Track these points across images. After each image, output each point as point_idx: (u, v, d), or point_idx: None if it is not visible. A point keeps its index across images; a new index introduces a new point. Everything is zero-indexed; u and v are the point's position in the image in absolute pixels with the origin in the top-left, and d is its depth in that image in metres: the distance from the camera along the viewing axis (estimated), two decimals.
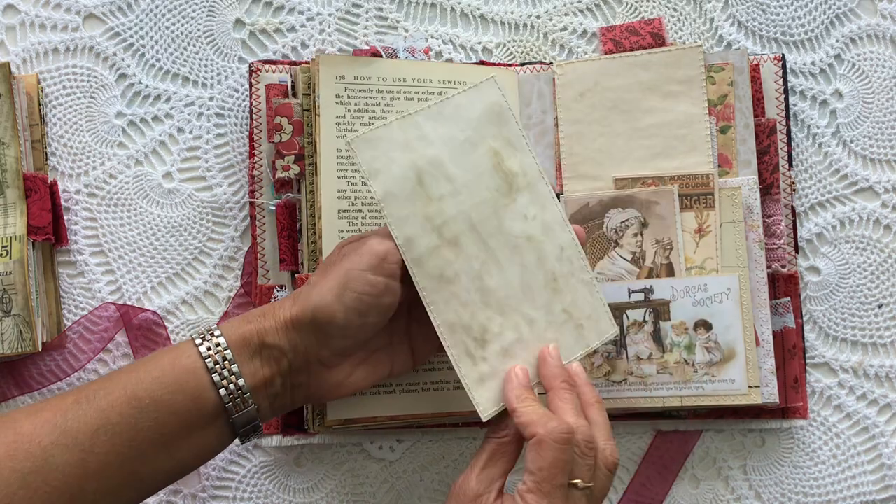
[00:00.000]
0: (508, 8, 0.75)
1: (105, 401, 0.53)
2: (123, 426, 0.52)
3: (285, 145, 0.68)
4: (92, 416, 0.52)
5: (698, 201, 0.69)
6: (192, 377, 0.55)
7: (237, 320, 0.58)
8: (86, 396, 0.53)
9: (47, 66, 0.72)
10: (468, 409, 0.67)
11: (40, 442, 0.51)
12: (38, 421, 0.51)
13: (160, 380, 0.54)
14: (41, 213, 0.69)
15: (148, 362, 0.55)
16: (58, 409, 0.52)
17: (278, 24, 0.74)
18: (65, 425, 0.51)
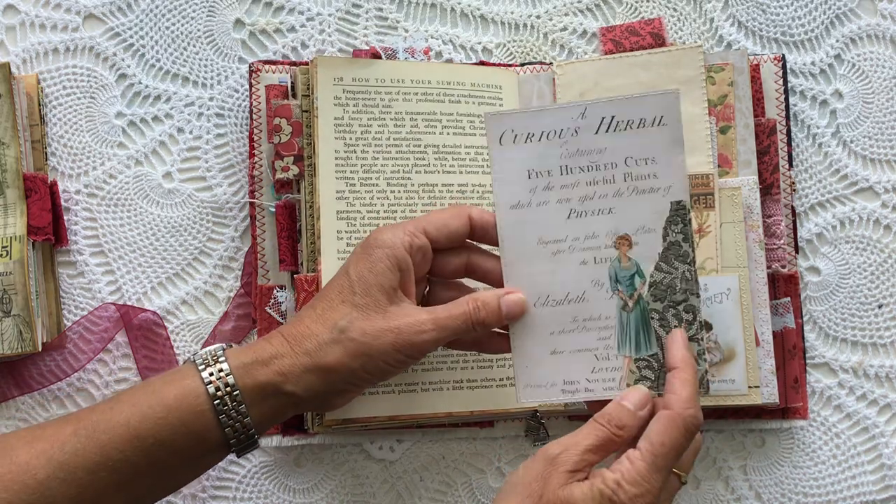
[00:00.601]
0: (508, 8, 0.75)
1: (105, 436, 0.51)
2: (124, 464, 0.52)
3: (284, 146, 0.68)
4: (91, 451, 0.51)
5: (698, 201, 0.69)
6: (199, 419, 0.54)
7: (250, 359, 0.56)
8: (85, 429, 0.52)
9: (47, 66, 0.72)
10: (467, 409, 0.68)
11: (36, 475, 0.50)
12: (34, 451, 0.50)
13: (165, 420, 0.53)
14: (41, 213, 0.69)
15: (151, 395, 0.54)
16: (55, 440, 0.51)
17: (278, 25, 0.74)
18: (62, 458, 0.50)
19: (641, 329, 0.59)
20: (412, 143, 0.69)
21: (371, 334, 0.56)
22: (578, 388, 0.60)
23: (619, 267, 0.59)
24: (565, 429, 0.72)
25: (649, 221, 0.58)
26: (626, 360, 0.59)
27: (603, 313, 0.59)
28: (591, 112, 0.58)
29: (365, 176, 0.67)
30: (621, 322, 0.59)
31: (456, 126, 0.70)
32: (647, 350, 0.59)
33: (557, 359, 0.60)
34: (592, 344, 0.60)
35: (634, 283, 0.59)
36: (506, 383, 0.69)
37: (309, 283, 0.66)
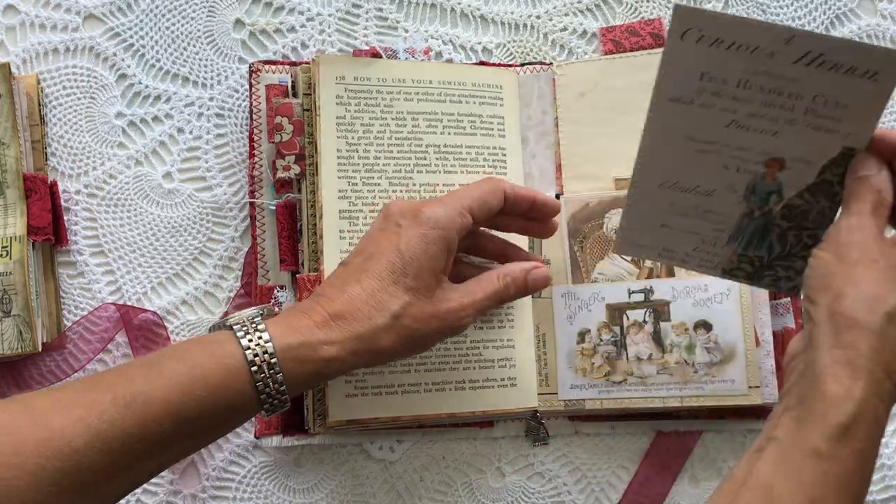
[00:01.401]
0: (508, 8, 0.75)
1: (144, 409, 0.50)
2: (160, 435, 0.51)
3: (286, 145, 0.68)
4: (129, 422, 0.50)
5: None
6: (240, 396, 0.53)
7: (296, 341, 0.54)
8: (124, 398, 0.50)
9: (47, 66, 0.72)
10: (469, 409, 0.68)
11: (71, 442, 0.48)
12: (71, 418, 0.49)
13: (206, 398, 0.52)
14: (41, 213, 0.69)
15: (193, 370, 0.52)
16: (93, 408, 0.50)
17: (278, 25, 0.74)
18: (99, 427, 0.49)
19: (758, 234, 0.59)
20: (413, 142, 0.69)
21: (421, 320, 0.57)
22: (675, 257, 0.60)
23: (762, 182, 0.57)
24: (565, 429, 0.72)
25: (811, 155, 0.56)
26: (730, 252, 0.59)
27: (725, 213, 0.58)
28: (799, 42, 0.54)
29: (367, 175, 0.67)
30: (740, 225, 0.59)
31: (457, 126, 0.70)
32: (756, 251, 0.59)
33: (665, 231, 0.60)
34: (704, 231, 0.59)
35: (769, 200, 0.58)
36: (506, 384, 0.69)
37: (311, 282, 0.65)
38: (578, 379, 0.69)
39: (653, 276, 0.69)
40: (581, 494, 0.72)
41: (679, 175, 0.58)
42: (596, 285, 0.70)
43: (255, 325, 0.54)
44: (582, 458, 0.72)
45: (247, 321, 0.55)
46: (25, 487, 0.47)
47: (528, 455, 0.72)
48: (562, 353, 0.70)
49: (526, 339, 0.70)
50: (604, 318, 0.69)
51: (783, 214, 0.58)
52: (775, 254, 0.59)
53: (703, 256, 0.60)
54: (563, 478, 0.72)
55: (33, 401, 0.50)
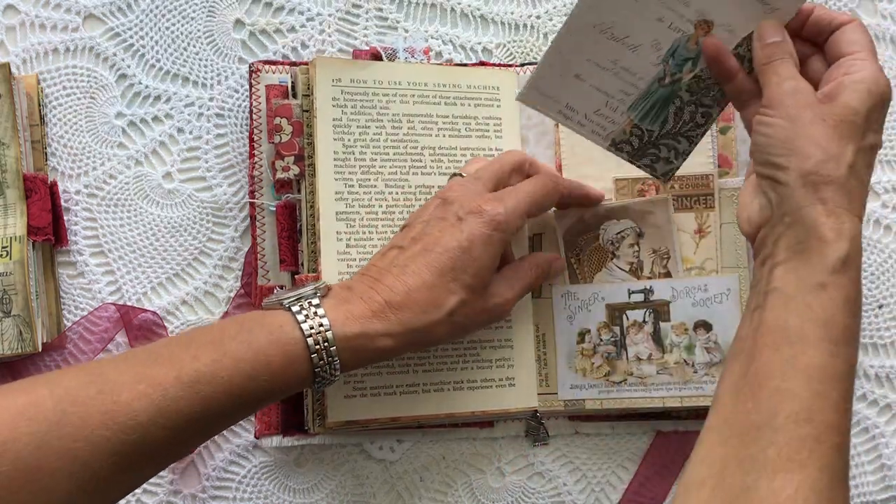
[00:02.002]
0: (508, 8, 0.75)
1: (208, 389, 0.51)
2: (221, 415, 0.53)
3: (285, 146, 0.68)
4: (192, 401, 0.51)
5: (698, 202, 0.69)
6: (298, 379, 0.55)
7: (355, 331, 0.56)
8: (188, 377, 0.51)
9: (47, 66, 0.72)
10: (468, 409, 0.68)
11: (137, 416, 0.49)
12: (136, 392, 0.50)
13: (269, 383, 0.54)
14: (41, 213, 0.69)
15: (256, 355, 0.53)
16: (158, 384, 0.50)
17: (278, 25, 0.74)
18: (163, 404, 0.50)
19: (659, 104, 0.62)
20: (409, 144, 0.69)
21: (471, 316, 0.60)
22: (574, 118, 0.63)
23: (685, 45, 0.60)
24: (565, 429, 0.72)
25: (738, 24, 0.59)
26: (627, 121, 0.63)
27: (640, 73, 0.61)
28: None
29: (363, 177, 0.67)
30: (649, 90, 0.61)
31: (452, 128, 0.70)
32: (650, 124, 0.63)
33: (576, 84, 0.61)
34: (612, 90, 0.62)
35: (683, 67, 0.61)
36: (505, 384, 0.69)
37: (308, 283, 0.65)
38: (578, 379, 0.69)
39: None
40: (581, 494, 0.72)
41: (615, 18, 0.59)
42: (596, 285, 0.70)
43: (315, 311, 0.56)
44: (582, 458, 0.72)
45: (307, 304, 0.56)
46: (90, 458, 0.48)
47: (528, 455, 0.72)
48: (561, 353, 0.70)
49: (525, 339, 0.70)
50: (604, 319, 0.69)
51: (689, 86, 0.62)
52: (665, 129, 0.63)
53: (601, 122, 0.63)
54: (563, 478, 0.72)
55: (100, 371, 0.51)
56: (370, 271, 0.60)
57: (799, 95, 0.55)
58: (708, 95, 0.62)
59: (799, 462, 0.47)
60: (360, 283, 0.59)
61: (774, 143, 0.55)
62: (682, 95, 0.62)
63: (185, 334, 0.56)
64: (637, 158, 0.65)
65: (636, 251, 0.69)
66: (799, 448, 0.48)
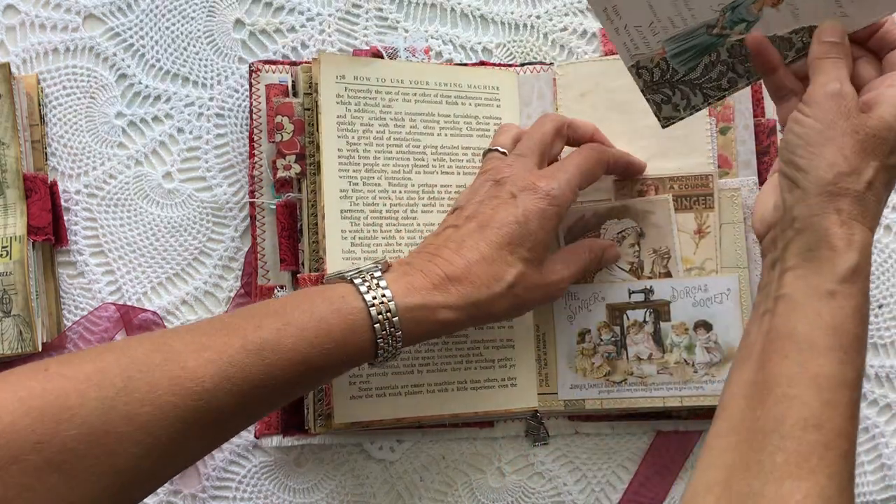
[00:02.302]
0: (508, 8, 0.75)
1: (273, 357, 0.52)
2: (285, 383, 0.53)
3: (286, 145, 0.68)
4: (257, 369, 0.51)
5: (698, 202, 0.69)
6: (361, 349, 0.56)
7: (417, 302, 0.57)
8: (253, 345, 0.52)
9: (47, 66, 0.72)
10: (471, 409, 0.68)
11: (203, 382, 0.50)
12: (202, 359, 0.50)
13: (331, 352, 0.54)
14: (41, 213, 0.69)
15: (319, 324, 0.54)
16: (223, 351, 0.51)
17: (278, 25, 0.74)
18: (229, 371, 0.51)
19: (697, 50, 0.60)
20: (412, 143, 0.69)
21: (530, 289, 0.60)
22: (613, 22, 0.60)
23: (748, 5, 0.58)
24: (565, 429, 0.72)
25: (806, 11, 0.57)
26: (660, 50, 0.61)
27: (696, 10, 0.58)
28: None
29: (367, 175, 0.67)
30: (695, 31, 0.59)
31: (453, 127, 0.70)
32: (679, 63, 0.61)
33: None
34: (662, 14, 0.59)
35: (735, 26, 0.59)
36: (506, 384, 0.69)
37: (312, 282, 0.65)
38: (578, 379, 0.69)
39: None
40: (581, 494, 0.72)
41: None
42: (596, 285, 0.70)
43: (377, 281, 0.56)
44: (582, 458, 0.72)
45: (368, 276, 0.57)
46: (156, 423, 0.48)
47: (528, 455, 0.72)
48: (562, 352, 0.70)
49: (525, 338, 0.70)
50: (604, 318, 0.69)
51: (731, 47, 0.60)
52: (690, 76, 0.62)
53: (636, 39, 0.61)
54: (563, 478, 0.72)
55: (164, 340, 0.52)
56: (427, 248, 0.60)
57: (840, 101, 0.53)
58: (743, 65, 0.61)
59: (808, 469, 0.47)
60: (419, 258, 0.59)
61: (802, 145, 0.54)
62: (721, 52, 0.60)
63: (247, 308, 0.56)
64: (650, 91, 0.63)
65: (637, 251, 0.69)
66: (808, 455, 0.48)
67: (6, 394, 0.47)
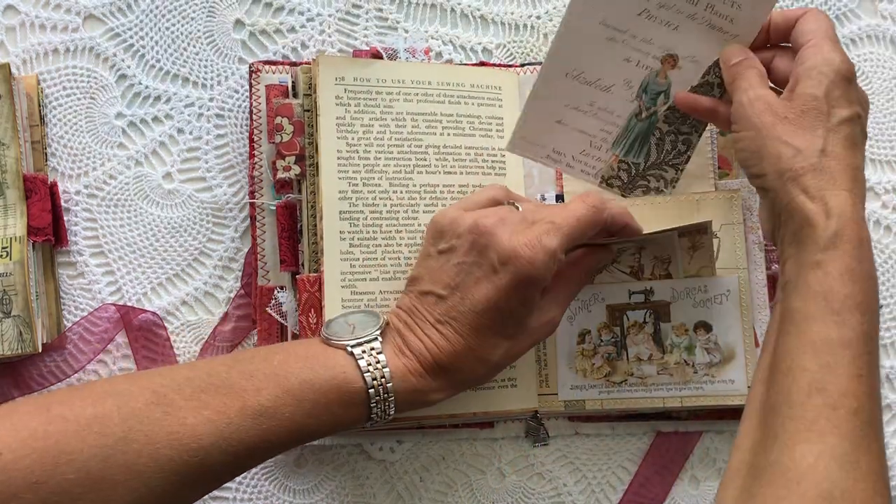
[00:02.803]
0: (508, 8, 0.75)
1: (270, 423, 0.54)
2: (280, 444, 0.55)
3: (286, 146, 0.68)
4: (253, 433, 0.53)
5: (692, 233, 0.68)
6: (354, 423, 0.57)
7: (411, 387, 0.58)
8: (252, 409, 0.53)
9: (47, 66, 0.72)
10: (470, 410, 0.68)
11: (201, 440, 0.51)
12: (201, 418, 0.52)
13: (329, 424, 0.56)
14: (41, 213, 0.69)
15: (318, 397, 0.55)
16: (222, 412, 0.53)
17: (278, 25, 0.74)
18: (227, 432, 0.52)
19: (640, 138, 0.66)
20: (413, 143, 0.69)
21: (518, 349, 0.61)
22: (562, 161, 0.67)
23: (654, 80, 0.64)
24: (565, 429, 0.72)
25: (702, 54, 0.63)
26: (613, 157, 0.67)
27: (617, 111, 0.65)
28: None
29: (367, 176, 0.67)
30: (628, 126, 0.66)
31: (456, 127, 0.70)
32: (634, 157, 0.67)
33: (559, 129, 0.65)
34: (594, 131, 0.66)
35: (657, 100, 0.65)
36: (507, 384, 0.69)
37: (311, 283, 0.65)
38: (578, 379, 0.69)
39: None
40: (581, 495, 0.72)
41: (585, 64, 0.63)
42: (596, 286, 0.69)
43: (377, 359, 0.57)
44: (582, 459, 0.72)
45: (369, 348, 0.58)
46: (152, 474, 0.50)
47: (528, 455, 0.72)
48: (562, 353, 0.70)
49: None
50: (604, 319, 0.69)
51: (666, 117, 0.65)
52: (651, 161, 0.67)
53: (588, 161, 0.67)
54: (563, 478, 0.72)
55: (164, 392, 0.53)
56: (415, 314, 0.60)
57: (758, 103, 0.58)
58: (685, 123, 0.66)
59: (817, 432, 0.49)
60: (410, 332, 0.59)
61: (748, 156, 0.58)
62: (660, 127, 0.66)
63: (245, 360, 0.57)
64: (628, 192, 0.68)
65: (637, 257, 0.69)
66: (815, 419, 0.49)
67: (7, 431, 0.48)
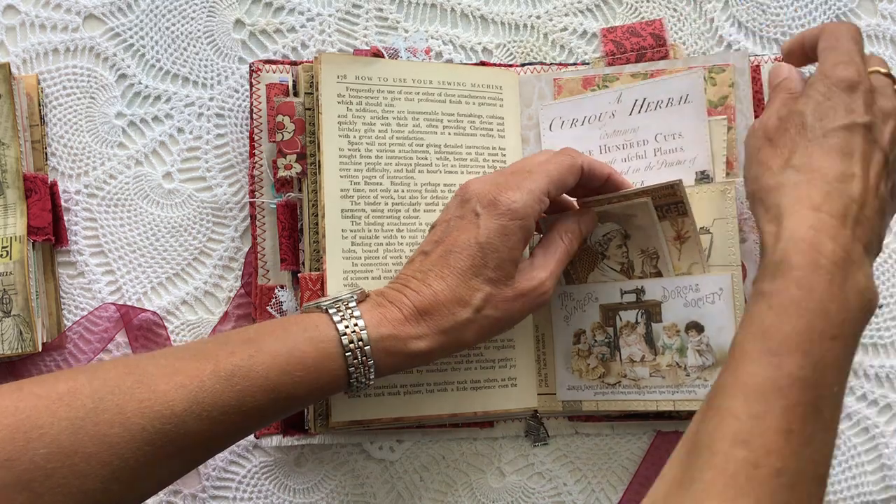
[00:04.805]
0: (508, 8, 0.75)
1: (244, 383, 0.52)
2: (255, 409, 0.53)
3: (287, 144, 0.68)
4: (228, 394, 0.52)
5: (671, 210, 0.66)
6: (333, 377, 0.56)
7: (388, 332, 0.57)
8: (224, 371, 0.52)
9: (47, 66, 0.72)
10: (471, 410, 0.68)
11: (174, 407, 0.50)
12: (173, 384, 0.51)
13: (303, 379, 0.54)
14: (41, 213, 0.69)
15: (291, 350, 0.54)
16: (194, 376, 0.51)
17: (278, 25, 0.74)
18: (200, 396, 0.51)
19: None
20: (414, 142, 0.69)
21: (503, 308, 0.59)
22: None
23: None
24: (565, 429, 0.72)
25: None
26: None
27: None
28: (625, 96, 0.66)
29: (369, 174, 0.67)
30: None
31: (457, 126, 0.70)
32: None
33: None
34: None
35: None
36: (507, 384, 0.69)
37: (313, 281, 0.65)
38: (575, 380, 0.69)
39: None
40: (581, 494, 0.72)
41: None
42: (590, 285, 0.69)
43: (350, 311, 0.57)
44: (582, 458, 0.72)
45: (343, 306, 0.57)
46: (125, 445, 0.49)
47: (528, 455, 0.72)
48: (559, 353, 0.70)
49: (525, 339, 0.70)
50: (598, 319, 0.69)
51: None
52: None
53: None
54: (563, 478, 0.72)
55: (138, 363, 0.52)
56: (400, 279, 0.60)
57: (756, 129, 0.59)
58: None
59: (735, 490, 0.45)
60: (392, 289, 0.60)
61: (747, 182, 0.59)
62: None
63: (224, 334, 0.57)
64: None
65: (625, 251, 0.68)
66: (735, 474, 0.45)
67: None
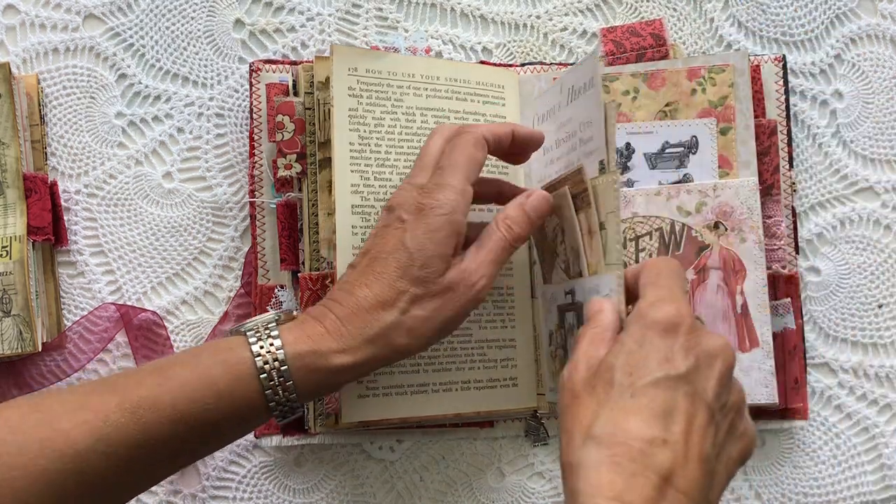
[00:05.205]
0: (508, 8, 0.75)
1: (150, 415, 0.49)
2: (166, 442, 0.50)
3: (287, 144, 0.68)
4: (133, 429, 0.49)
5: (582, 200, 0.59)
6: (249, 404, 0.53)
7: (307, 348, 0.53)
8: (130, 403, 0.49)
9: (47, 66, 0.72)
10: (474, 409, 0.68)
11: (76, 445, 0.48)
12: (77, 420, 0.48)
13: (215, 406, 0.51)
14: (41, 213, 0.69)
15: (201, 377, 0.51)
16: (98, 412, 0.49)
17: (278, 25, 0.74)
18: (104, 431, 0.48)
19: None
20: (423, 138, 0.68)
21: (431, 306, 0.55)
22: None
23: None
24: None
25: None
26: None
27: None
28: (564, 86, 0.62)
29: (378, 170, 0.67)
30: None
31: (462, 124, 0.69)
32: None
33: None
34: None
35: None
36: (508, 384, 0.69)
37: (313, 281, 0.65)
38: (552, 381, 0.68)
39: None
40: None
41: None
42: (553, 286, 0.65)
43: (268, 332, 0.53)
44: None
45: (261, 327, 0.54)
46: (27, 488, 0.47)
47: (528, 455, 0.72)
48: (544, 354, 0.69)
49: (526, 338, 0.70)
50: (556, 321, 0.65)
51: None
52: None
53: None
54: None
55: (43, 401, 0.50)
56: (327, 295, 0.57)
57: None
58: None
59: None
60: (318, 306, 0.56)
61: None
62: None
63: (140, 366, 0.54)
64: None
65: (564, 249, 0.63)
66: None
67: None
